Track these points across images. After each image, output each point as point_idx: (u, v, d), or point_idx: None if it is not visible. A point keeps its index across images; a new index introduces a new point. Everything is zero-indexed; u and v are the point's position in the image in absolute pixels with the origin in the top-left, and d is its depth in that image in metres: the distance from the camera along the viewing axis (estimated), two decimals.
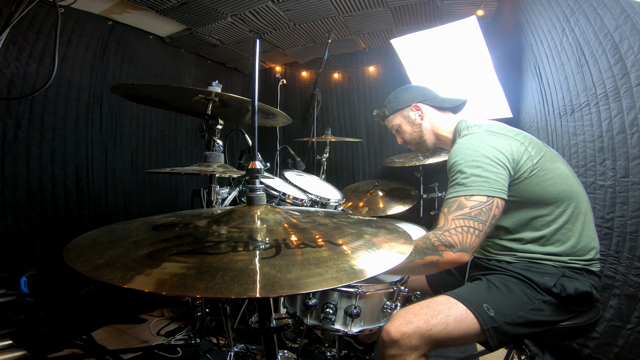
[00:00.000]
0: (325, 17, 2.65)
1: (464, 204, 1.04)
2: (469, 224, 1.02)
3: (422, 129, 1.37)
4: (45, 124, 2.23)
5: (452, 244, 1.02)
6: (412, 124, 1.38)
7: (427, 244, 1.05)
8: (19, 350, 0.85)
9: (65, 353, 1.70)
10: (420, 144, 1.40)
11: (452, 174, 1.12)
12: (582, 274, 1.08)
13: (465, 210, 1.04)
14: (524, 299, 1.04)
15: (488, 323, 0.99)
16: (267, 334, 0.71)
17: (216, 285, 0.45)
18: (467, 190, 1.05)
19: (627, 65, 1.26)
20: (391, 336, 0.97)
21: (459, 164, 1.10)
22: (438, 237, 1.04)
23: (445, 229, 1.04)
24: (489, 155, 1.08)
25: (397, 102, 1.39)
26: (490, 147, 1.10)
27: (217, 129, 1.37)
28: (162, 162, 3.10)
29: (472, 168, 1.07)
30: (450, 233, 1.03)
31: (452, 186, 1.10)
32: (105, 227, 0.70)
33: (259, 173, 0.71)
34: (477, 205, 1.03)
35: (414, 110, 1.37)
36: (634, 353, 1.30)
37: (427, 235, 1.08)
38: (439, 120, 1.36)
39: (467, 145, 1.13)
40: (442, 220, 1.07)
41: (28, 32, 2.09)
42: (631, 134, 1.28)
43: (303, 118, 3.63)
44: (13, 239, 2.08)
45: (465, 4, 2.45)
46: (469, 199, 1.04)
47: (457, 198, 1.06)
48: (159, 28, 2.82)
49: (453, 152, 1.16)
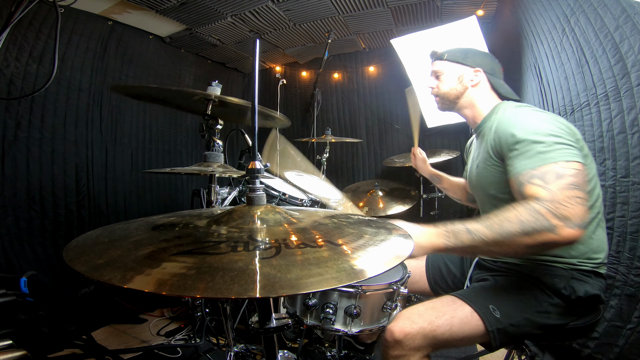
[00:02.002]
0: (325, 17, 2.65)
1: (563, 172, 0.89)
2: (577, 194, 0.87)
3: (464, 93, 1.27)
4: (45, 124, 2.23)
5: (569, 216, 0.84)
6: (460, 82, 1.27)
7: (537, 219, 0.85)
8: (19, 350, 0.85)
9: (65, 353, 1.71)
10: (449, 102, 1.31)
11: (524, 145, 0.97)
12: (591, 277, 1.06)
13: (568, 179, 0.88)
14: (531, 301, 1.02)
15: (493, 324, 0.98)
16: (267, 334, 0.71)
17: (216, 285, 0.45)
18: (560, 157, 0.92)
19: (627, 65, 1.26)
20: (395, 336, 0.96)
21: (533, 133, 0.97)
22: (550, 209, 0.85)
23: (554, 199, 0.86)
24: (561, 126, 0.99)
25: (464, 57, 1.27)
26: (557, 120, 1.01)
27: (217, 129, 1.37)
28: (162, 162, 3.10)
29: (551, 137, 0.95)
30: (563, 205, 0.85)
31: (532, 156, 0.95)
32: (105, 227, 0.70)
33: (259, 173, 0.71)
34: (577, 173, 0.89)
35: (474, 73, 1.26)
36: (634, 353, 1.30)
37: (532, 207, 0.87)
38: (485, 96, 1.27)
39: (531, 119, 1.02)
40: (542, 191, 0.89)
41: (28, 32, 2.09)
42: (631, 134, 1.28)
43: (303, 118, 3.63)
44: (13, 239, 2.08)
45: (465, 4, 2.46)
46: (565, 166, 0.90)
47: (550, 166, 0.91)
48: (159, 28, 2.82)
49: (511, 123, 1.03)
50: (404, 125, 3.27)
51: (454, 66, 1.28)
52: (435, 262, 1.43)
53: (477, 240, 0.89)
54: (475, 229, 0.90)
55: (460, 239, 0.91)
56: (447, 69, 1.29)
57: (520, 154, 0.98)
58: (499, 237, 0.87)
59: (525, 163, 0.96)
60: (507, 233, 0.87)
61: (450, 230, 0.93)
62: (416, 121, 1.99)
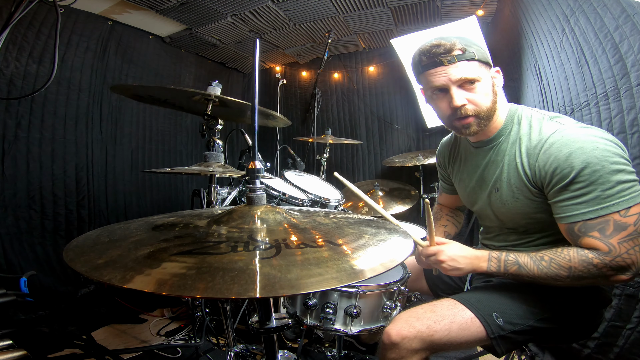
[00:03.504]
0: (325, 17, 2.65)
1: (623, 222, 0.85)
2: (638, 242, 0.86)
3: (497, 99, 1.01)
4: (45, 124, 2.23)
5: (627, 267, 0.86)
6: (491, 87, 1.00)
7: (589, 270, 0.87)
8: (19, 350, 0.85)
9: (65, 353, 1.70)
10: (486, 121, 1.00)
11: (582, 186, 0.87)
12: None
13: (629, 230, 0.85)
14: (536, 309, 1.01)
15: (495, 332, 0.96)
16: (267, 334, 0.71)
17: (216, 286, 0.45)
18: (620, 204, 0.85)
19: (627, 65, 1.26)
20: (391, 339, 0.95)
21: (594, 171, 0.85)
22: (607, 263, 0.86)
23: (615, 254, 0.86)
24: (620, 153, 0.87)
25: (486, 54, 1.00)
26: (613, 143, 0.88)
27: (217, 129, 1.37)
28: (162, 162, 3.10)
29: (615, 174, 0.84)
30: (623, 258, 0.86)
31: (590, 201, 0.87)
32: (105, 227, 0.70)
33: (259, 173, 0.71)
34: (639, 219, 0.85)
35: (497, 74, 1.04)
36: (634, 353, 1.30)
37: (588, 258, 0.88)
38: (502, 100, 1.05)
39: (589, 144, 0.86)
40: (602, 244, 0.87)
41: (28, 32, 2.09)
42: (631, 134, 1.28)
43: (303, 118, 3.63)
44: (13, 239, 2.08)
45: (465, 4, 2.45)
46: (625, 215, 0.85)
47: (609, 217, 0.86)
48: (159, 28, 2.82)
49: (566, 153, 0.88)
50: (404, 125, 3.27)
51: (485, 69, 0.99)
52: None
53: (522, 273, 0.95)
54: (524, 263, 0.95)
55: (507, 269, 0.97)
56: (482, 73, 0.98)
57: (576, 196, 0.88)
58: (544, 277, 0.93)
59: (581, 211, 0.88)
60: (554, 275, 0.91)
61: (498, 258, 0.99)
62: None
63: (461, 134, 1.06)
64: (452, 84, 0.97)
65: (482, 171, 1.11)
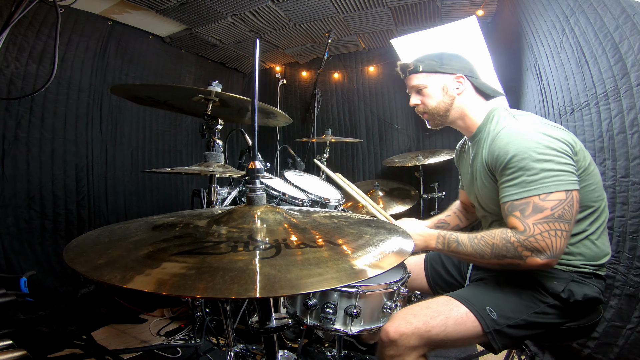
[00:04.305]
0: (325, 17, 2.65)
1: (541, 205, 0.94)
2: (554, 226, 0.93)
3: (452, 104, 1.19)
4: (45, 124, 2.23)
5: (540, 249, 0.93)
6: (445, 93, 1.18)
7: (507, 248, 0.96)
8: (19, 350, 0.84)
9: (65, 353, 1.70)
10: (439, 117, 1.22)
11: (512, 171, 0.99)
12: (591, 279, 1.06)
13: (545, 213, 0.93)
14: (528, 303, 1.03)
15: (490, 326, 0.98)
16: (267, 334, 0.71)
17: (216, 285, 0.45)
18: (541, 188, 0.94)
19: (627, 65, 1.26)
20: (390, 336, 0.97)
21: (522, 158, 0.97)
22: (522, 242, 0.94)
23: (529, 234, 0.94)
24: (554, 146, 0.96)
25: (440, 64, 1.18)
26: (551, 137, 0.98)
27: (217, 129, 1.37)
28: (162, 162, 3.10)
29: (540, 162, 0.95)
30: (537, 239, 0.93)
31: (517, 185, 0.98)
32: (105, 227, 0.70)
33: (259, 173, 0.71)
34: (558, 205, 0.93)
35: (457, 81, 1.18)
36: (634, 353, 1.30)
37: (507, 236, 0.97)
38: (473, 102, 1.19)
39: (525, 136, 0.99)
40: (519, 224, 0.96)
41: (28, 32, 2.09)
42: (631, 134, 1.28)
43: (303, 118, 3.63)
44: (13, 239, 2.08)
45: (465, 4, 2.46)
46: (545, 199, 0.94)
47: (530, 199, 0.95)
48: (159, 28, 2.82)
49: (505, 142, 1.01)
50: (404, 125, 3.27)
51: (433, 77, 1.19)
52: (433, 262, 1.43)
53: (460, 250, 1.07)
54: (461, 241, 1.06)
55: (449, 246, 1.09)
56: (427, 81, 1.20)
57: (509, 180, 1.01)
58: (474, 253, 1.04)
59: (510, 192, 1.00)
60: (481, 252, 1.02)
61: (444, 236, 1.11)
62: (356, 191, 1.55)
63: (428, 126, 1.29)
64: (410, 90, 1.26)
65: (471, 164, 1.23)
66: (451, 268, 1.38)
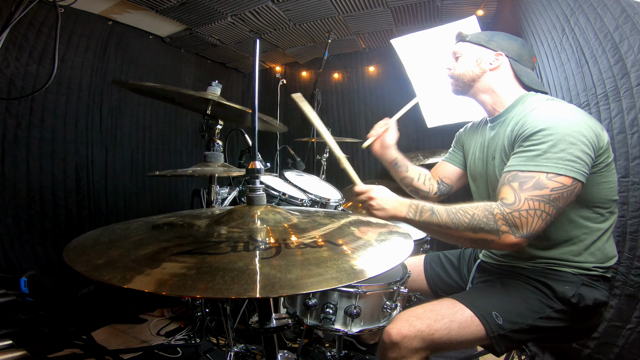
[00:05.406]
0: (325, 17, 2.65)
1: (544, 184, 0.90)
2: (544, 208, 0.89)
3: (482, 76, 1.19)
4: (45, 124, 2.23)
5: (519, 227, 0.89)
6: (478, 65, 1.19)
7: (488, 219, 0.91)
8: (19, 350, 0.84)
9: (65, 353, 1.70)
10: (463, 84, 1.23)
11: (533, 142, 0.95)
12: (600, 281, 1.04)
13: (544, 192, 0.90)
14: (535, 308, 1.01)
15: (495, 330, 0.97)
16: (267, 334, 0.71)
17: (216, 285, 0.45)
18: (553, 167, 0.90)
19: (627, 65, 1.26)
20: (392, 338, 0.96)
21: (550, 134, 0.92)
22: (505, 215, 0.90)
23: (516, 207, 0.90)
24: (585, 133, 0.93)
25: (487, 39, 1.20)
26: (585, 124, 0.94)
27: (217, 129, 1.37)
28: (162, 162, 3.10)
29: (566, 143, 0.91)
30: (521, 215, 0.89)
31: (531, 157, 0.94)
32: (105, 227, 0.70)
33: (259, 173, 0.71)
34: (560, 188, 0.90)
35: (495, 57, 1.18)
36: (634, 353, 1.30)
37: (490, 207, 0.93)
38: (506, 82, 1.18)
39: (561, 114, 0.97)
40: (511, 195, 0.92)
41: (28, 32, 2.09)
42: (631, 134, 1.28)
43: (303, 118, 3.62)
44: (13, 239, 2.08)
45: (465, 4, 2.46)
46: (551, 179, 0.90)
47: (536, 174, 0.91)
48: (159, 28, 2.82)
49: (539, 117, 0.98)
50: (404, 125, 3.27)
51: (474, 48, 1.21)
52: (432, 263, 1.42)
53: (433, 220, 0.98)
54: (437, 210, 0.99)
55: (422, 215, 1.00)
56: (467, 50, 1.23)
57: (524, 150, 0.97)
58: (450, 224, 0.96)
59: (520, 162, 0.96)
60: (457, 222, 0.95)
61: (417, 204, 1.02)
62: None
63: (451, 91, 1.29)
64: (452, 55, 1.27)
65: (488, 142, 1.21)
66: (450, 269, 1.38)
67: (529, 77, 1.18)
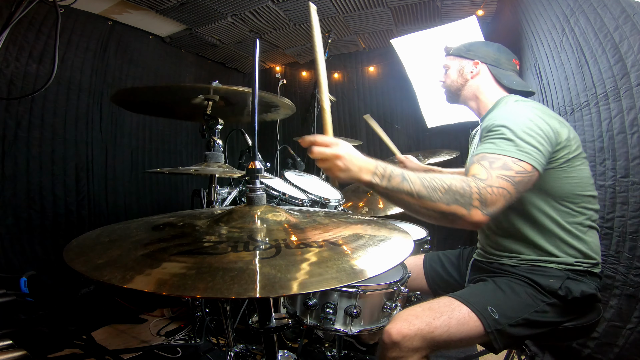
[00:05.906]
0: (325, 17, 2.65)
1: (510, 166, 0.95)
2: (509, 187, 0.93)
3: (465, 85, 1.32)
4: (45, 124, 2.23)
5: (489, 203, 0.90)
6: (461, 75, 1.32)
7: (465, 191, 0.90)
8: (19, 350, 0.84)
9: (65, 353, 1.70)
10: (451, 94, 1.38)
11: (496, 133, 1.02)
12: (586, 276, 1.07)
13: (510, 173, 0.94)
14: (528, 302, 1.03)
15: (492, 325, 0.98)
16: (267, 334, 0.71)
17: (216, 285, 0.45)
18: (517, 153, 0.97)
19: (627, 65, 1.26)
20: (392, 338, 0.96)
21: (510, 129, 1.00)
22: (480, 189, 0.91)
23: (488, 183, 0.92)
24: (542, 128, 1.01)
25: (466, 50, 1.33)
26: (542, 121, 1.03)
27: (217, 129, 1.37)
28: (162, 162, 3.10)
29: (524, 134, 0.99)
30: (492, 191, 0.91)
31: (496, 144, 1.00)
32: (105, 227, 0.70)
33: (259, 173, 0.71)
34: (522, 172, 0.95)
35: (473, 65, 1.30)
36: (634, 353, 1.30)
37: (467, 180, 0.93)
38: (487, 87, 1.29)
39: (521, 112, 1.07)
40: (483, 171, 0.95)
41: (28, 32, 2.09)
42: (631, 134, 1.28)
43: (303, 118, 3.63)
44: (13, 239, 2.08)
45: (465, 4, 2.45)
46: (516, 163, 0.96)
47: (502, 156, 0.97)
48: (159, 28, 2.82)
49: (501, 113, 1.10)
50: (404, 125, 3.27)
51: (457, 60, 1.34)
52: (432, 262, 1.43)
53: (404, 188, 0.90)
54: (409, 177, 0.91)
55: (389, 180, 0.91)
56: (452, 62, 1.36)
57: (489, 138, 1.03)
58: (423, 192, 0.89)
59: (486, 147, 1.01)
60: (433, 190, 0.90)
61: (384, 167, 0.92)
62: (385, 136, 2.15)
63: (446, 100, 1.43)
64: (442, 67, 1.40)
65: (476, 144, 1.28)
66: (450, 268, 1.39)
67: (509, 80, 1.27)
